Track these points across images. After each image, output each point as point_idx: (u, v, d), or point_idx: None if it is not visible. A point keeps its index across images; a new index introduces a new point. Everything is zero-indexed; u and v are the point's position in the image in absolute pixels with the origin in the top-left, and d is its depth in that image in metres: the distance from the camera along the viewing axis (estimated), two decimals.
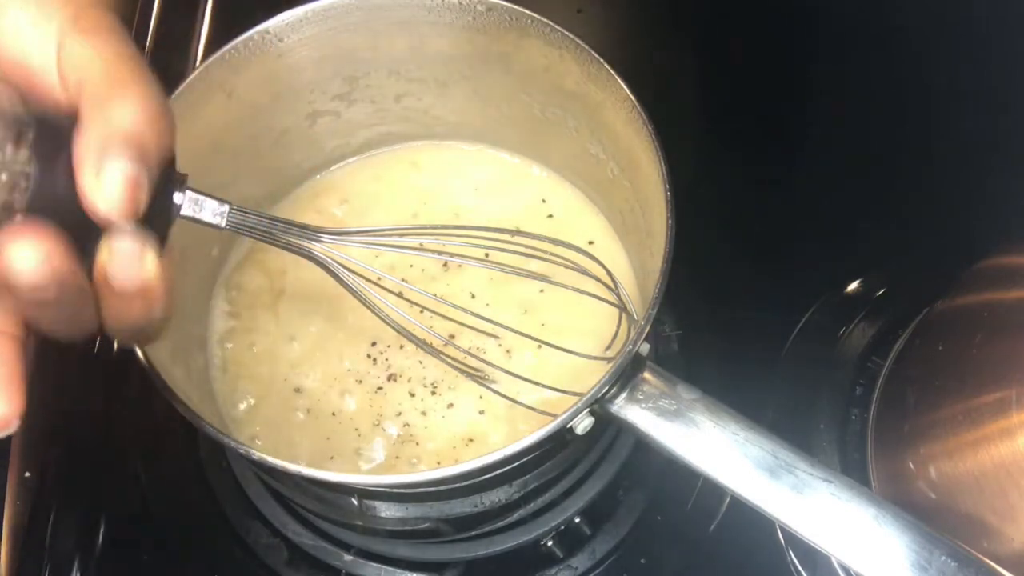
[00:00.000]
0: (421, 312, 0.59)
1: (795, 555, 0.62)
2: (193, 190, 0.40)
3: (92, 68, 0.35)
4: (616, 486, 0.65)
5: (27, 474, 0.63)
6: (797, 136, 0.81)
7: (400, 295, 0.59)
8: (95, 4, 0.37)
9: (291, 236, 0.45)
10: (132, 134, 0.34)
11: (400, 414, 0.59)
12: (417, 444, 0.58)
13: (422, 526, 0.57)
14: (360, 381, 0.60)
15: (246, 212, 0.43)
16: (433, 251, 0.56)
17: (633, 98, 0.52)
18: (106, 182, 0.33)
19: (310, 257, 0.47)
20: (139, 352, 0.46)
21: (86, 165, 0.33)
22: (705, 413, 0.47)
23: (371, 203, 0.67)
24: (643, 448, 0.61)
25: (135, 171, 0.33)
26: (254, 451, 0.44)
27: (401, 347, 0.61)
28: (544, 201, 0.66)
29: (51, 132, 0.34)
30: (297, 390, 0.60)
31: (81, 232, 0.34)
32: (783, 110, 0.81)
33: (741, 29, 0.84)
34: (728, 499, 0.66)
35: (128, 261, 0.34)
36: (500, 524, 0.60)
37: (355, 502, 0.56)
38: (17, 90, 0.35)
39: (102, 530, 0.66)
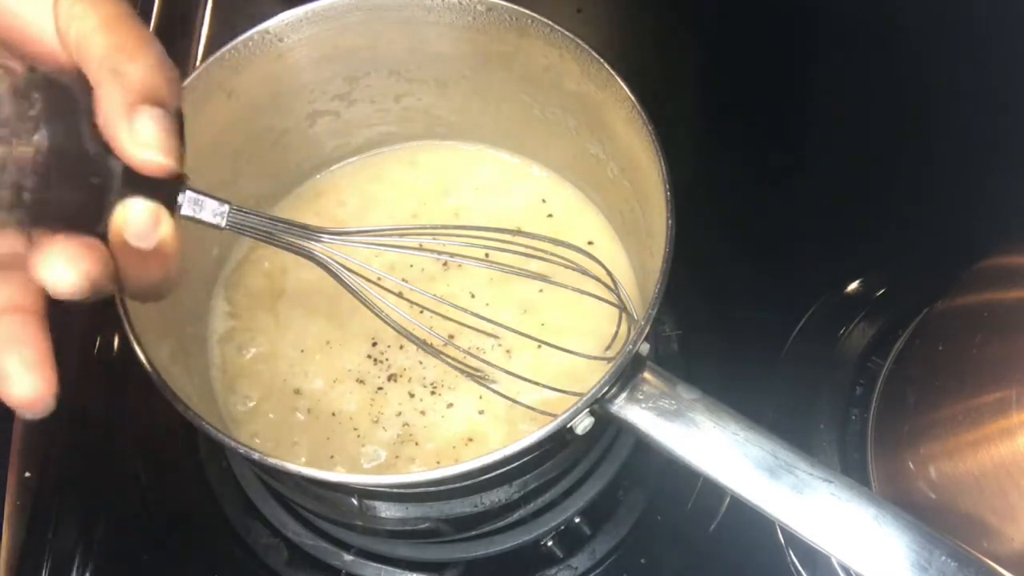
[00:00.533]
0: (421, 312, 0.59)
1: (795, 555, 0.62)
2: (193, 190, 0.40)
3: (92, 27, 0.35)
4: (616, 486, 0.65)
5: (27, 474, 0.63)
6: (797, 136, 0.81)
7: (400, 295, 0.59)
8: None
9: (291, 236, 0.45)
10: (150, 87, 0.35)
11: (400, 414, 0.59)
12: (417, 444, 0.58)
13: (422, 526, 0.57)
14: (360, 381, 0.60)
15: (246, 212, 0.43)
16: (433, 251, 0.56)
17: (633, 98, 0.52)
18: (141, 132, 0.34)
19: (310, 257, 0.47)
20: (139, 352, 0.46)
21: (118, 122, 0.34)
22: (705, 413, 0.47)
23: (371, 203, 0.67)
24: (643, 448, 0.61)
25: (164, 117, 0.35)
26: (254, 451, 0.44)
27: (401, 347, 0.61)
28: (544, 201, 0.66)
29: (57, 94, 0.34)
30: (297, 390, 0.60)
31: (89, 201, 0.35)
32: (783, 110, 0.81)
33: (741, 29, 0.84)
34: (728, 499, 0.66)
35: (146, 222, 0.35)
36: (500, 524, 0.60)
37: (355, 502, 0.56)
38: (17, 52, 0.35)
39: (102, 530, 0.66)
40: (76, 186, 0.34)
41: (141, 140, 0.34)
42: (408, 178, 0.68)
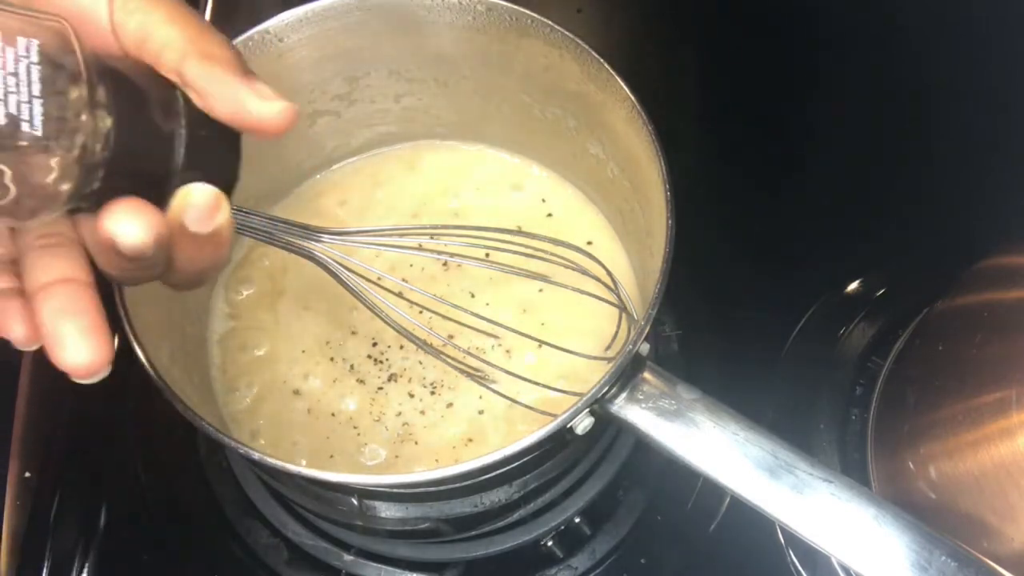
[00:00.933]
0: (421, 312, 0.59)
1: (795, 555, 0.62)
2: None
3: (158, 20, 0.36)
4: (616, 486, 0.65)
5: (27, 474, 0.63)
6: (797, 136, 0.81)
7: (400, 295, 0.59)
8: None
9: (291, 236, 0.45)
10: (241, 60, 0.37)
11: (400, 414, 0.59)
12: (416, 444, 0.58)
13: (422, 526, 0.57)
14: (360, 381, 0.60)
15: (246, 212, 0.43)
16: (433, 251, 0.56)
17: (633, 98, 0.52)
18: (264, 91, 0.37)
19: (310, 257, 0.47)
20: (139, 352, 0.46)
21: (237, 92, 0.36)
22: (705, 413, 0.47)
23: (371, 203, 0.67)
24: (643, 448, 0.61)
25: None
26: (254, 451, 0.44)
27: (401, 347, 0.61)
28: (544, 201, 0.66)
29: (120, 81, 0.34)
30: (297, 390, 0.60)
31: (151, 185, 0.35)
32: (783, 110, 0.81)
33: (741, 29, 0.84)
34: (728, 499, 0.66)
35: (207, 205, 0.37)
36: (500, 524, 0.60)
37: (355, 502, 0.56)
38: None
39: (102, 530, 0.66)
40: (140, 171, 0.35)
41: (268, 97, 0.36)
42: (408, 178, 0.68)
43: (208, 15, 0.81)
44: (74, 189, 0.33)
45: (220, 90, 0.36)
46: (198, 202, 0.36)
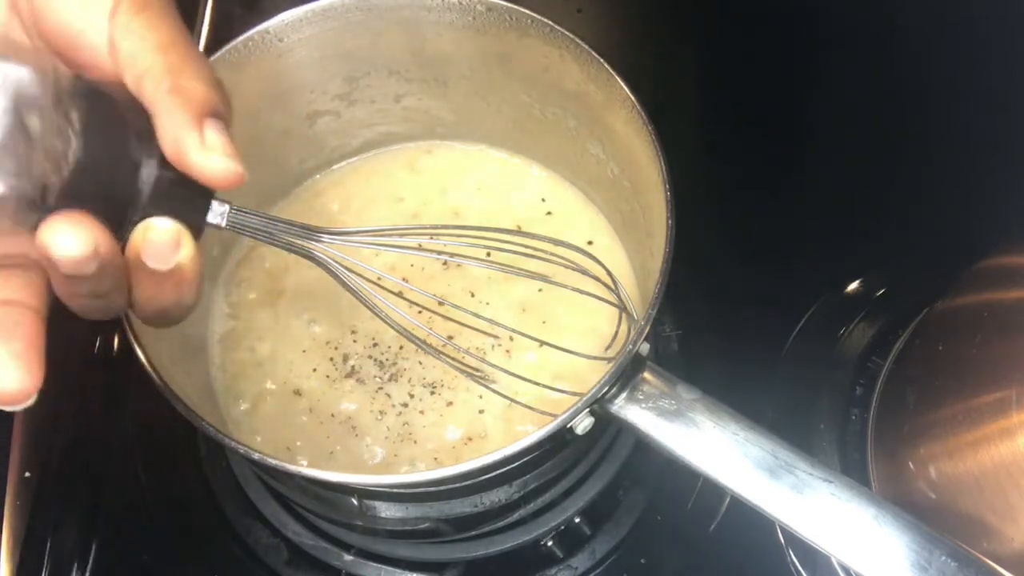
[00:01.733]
0: (420, 312, 0.59)
1: (795, 555, 0.62)
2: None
3: (150, 46, 0.35)
4: (616, 486, 0.65)
5: (27, 474, 0.63)
6: (797, 136, 0.81)
7: (400, 295, 0.59)
8: None
9: (291, 236, 0.45)
10: (211, 101, 0.35)
11: (400, 414, 0.59)
12: (416, 443, 0.58)
13: (422, 526, 0.57)
14: (360, 381, 0.60)
15: (246, 212, 0.43)
16: (433, 251, 0.56)
17: (633, 98, 0.52)
18: (210, 141, 0.35)
19: (310, 257, 0.47)
20: (139, 352, 0.46)
21: (186, 134, 0.34)
22: (705, 413, 0.47)
23: (371, 203, 0.67)
24: (643, 448, 0.61)
25: (226, 129, 0.36)
26: (254, 451, 0.44)
27: (401, 347, 0.61)
28: (544, 201, 0.66)
29: (99, 104, 0.34)
30: (297, 390, 0.60)
31: (111, 213, 0.34)
32: (783, 110, 0.81)
33: (741, 29, 0.84)
34: (728, 499, 0.66)
35: (165, 244, 0.35)
36: (500, 524, 0.60)
37: (355, 502, 0.56)
38: (65, 58, 0.35)
39: (102, 530, 0.66)
40: (101, 196, 0.34)
41: (212, 149, 0.35)
42: (408, 178, 0.68)
43: (208, 15, 0.81)
44: (26, 202, 0.32)
45: (169, 128, 0.35)
46: (157, 237, 0.35)
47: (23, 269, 0.35)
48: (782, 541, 0.63)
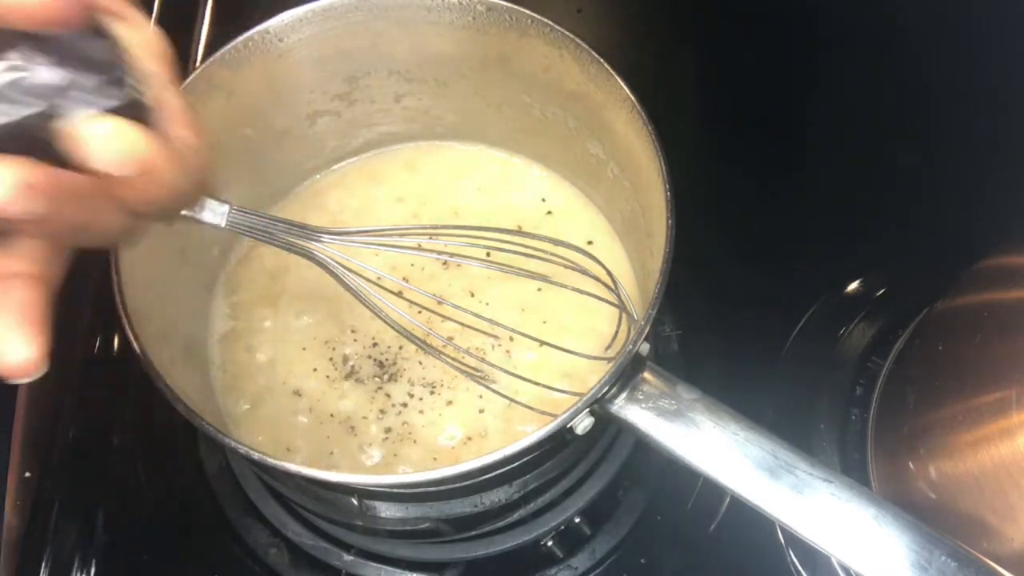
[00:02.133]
0: (420, 312, 0.59)
1: (795, 555, 0.62)
2: None
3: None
4: (616, 486, 0.65)
5: (27, 474, 0.63)
6: (797, 136, 0.81)
7: (400, 295, 0.59)
8: None
9: (291, 236, 0.45)
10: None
11: (400, 414, 0.59)
12: (416, 443, 0.58)
13: (422, 526, 0.57)
14: (360, 381, 0.60)
15: (246, 212, 0.43)
16: (433, 251, 0.56)
17: (633, 98, 0.52)
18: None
19: (310, 257, 0.47)
20: (139, 352, 0.46)
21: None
22: (705, 413, 0.47)
23: (371, 203, 0.67)
24: (643, 448, 0.61)
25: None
26: (254, 451, 0.44)
27: (401, 347, 0.61)
28: (544, 201, 0.66)
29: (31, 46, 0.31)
30: (297, 390, 0.60)
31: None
32: (783, 110, 0.81)
33: (741, 29, 0.84)
34: (728, 499, 0.66)
35: (107, 142, 0.31)
36: (500, 524, 0.60)
37: (355, 502, 0.56)
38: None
39: (102, 531, 0.66)
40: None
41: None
42: (408, 178, 0.68)
43: (208, 15, 0.81)
44: None
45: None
46: (96, 138, 0.31)
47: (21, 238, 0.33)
48: (782, 541, 0.63)
